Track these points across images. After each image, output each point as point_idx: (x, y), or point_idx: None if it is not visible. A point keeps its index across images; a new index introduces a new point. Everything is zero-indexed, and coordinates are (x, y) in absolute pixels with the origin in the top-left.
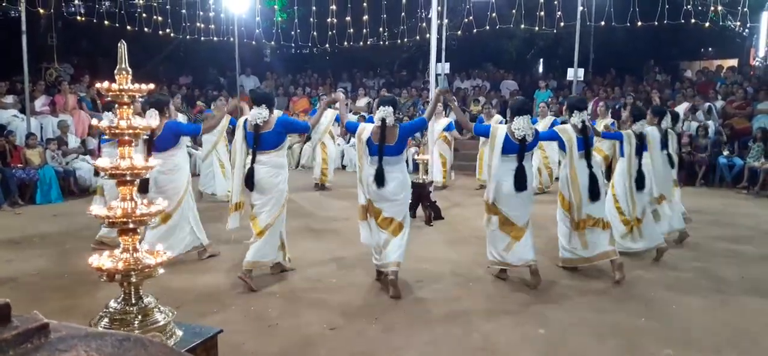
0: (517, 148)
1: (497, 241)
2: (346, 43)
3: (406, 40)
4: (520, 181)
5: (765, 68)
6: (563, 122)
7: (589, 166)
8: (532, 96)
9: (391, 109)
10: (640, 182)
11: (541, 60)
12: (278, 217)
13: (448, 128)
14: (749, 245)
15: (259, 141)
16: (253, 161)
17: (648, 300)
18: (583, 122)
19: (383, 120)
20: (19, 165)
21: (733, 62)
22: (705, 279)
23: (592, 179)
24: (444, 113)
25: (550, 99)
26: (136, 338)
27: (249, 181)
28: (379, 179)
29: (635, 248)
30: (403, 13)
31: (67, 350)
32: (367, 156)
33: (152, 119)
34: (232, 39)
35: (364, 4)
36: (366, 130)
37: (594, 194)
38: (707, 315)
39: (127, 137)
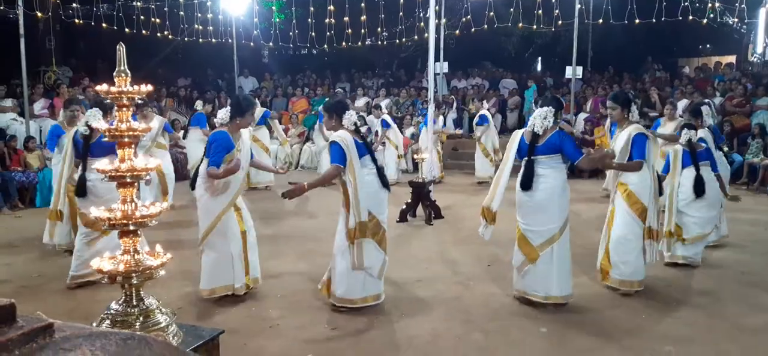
0: (526, 147)
1: (516, 260)
2: (344, 43)
3: (404, 39)
4: (525, 178)
5: (762, 64)
6: (567, 121)
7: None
8: (523, 95)
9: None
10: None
11: (540, 58)
12: (205, 237)
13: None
14: (749, 241)
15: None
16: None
17: (648, 297)
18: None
19: (356, 124)
20: (18, 168)
21: (732, 59)
22: (705, 275)
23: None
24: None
25: (534, 93)
26: (141, 337)
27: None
28: (384, 180)
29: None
30: (401, 13)
31: (72, 349)
32: (360, 162)
33: (96, 121)
34: (230, 40)
35: (362, 5)
36: (349, 139)
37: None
38: (708, 312)
39: (126, 140)
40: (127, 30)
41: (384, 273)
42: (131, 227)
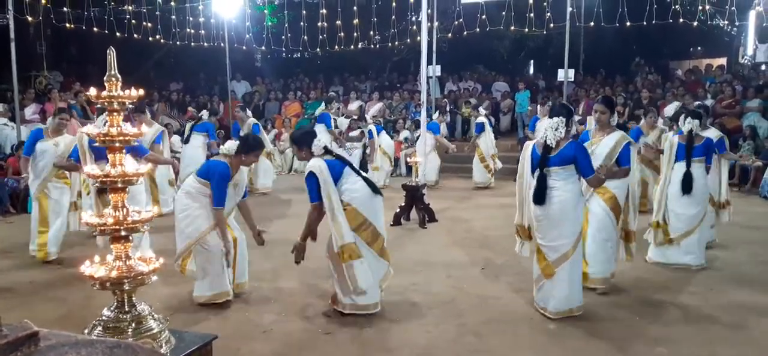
0: (538, 158)
1: (535, 273)
2: (336, 46)
3: (396, 43)
4: (538, 192)
5: (753, 66)
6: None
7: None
8: (514, 98)
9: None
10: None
11: (532, 61)
12: (189, 249)
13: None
14: (741, 242)
15: None
16: None
17: (641, 299)
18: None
19: (325, 147)
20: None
21: (722, 61)
22: (698, 277)
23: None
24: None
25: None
26: (127, 345)
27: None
28: (373, 186)
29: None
30: (393, 16)
31: None
32: (341, 181)
33: None
34: (222, 44)
35: (355, 8)
36: (322, 166)
37: None
38: (700, 312)
39: (117, 145)
40: (118, 34)
41: (387, 280)
42: (123, 233)
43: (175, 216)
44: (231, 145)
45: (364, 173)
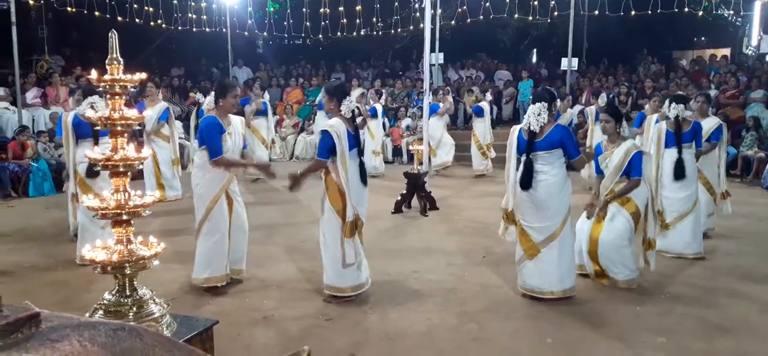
0: (524, 143)
1: (517, 255)
2: (339, 33)
3: (399, 30)
4: (524, 177)
5: (757, 57)
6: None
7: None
8: (517, 87)
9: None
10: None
11: (535, 50)
12: (200, 226)
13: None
14: (742, 233)
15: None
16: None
17: (642, 289)
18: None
19: (353, 112)
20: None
21: (726, 51)
22: (698, 267)
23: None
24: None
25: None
26: (131, 327)
27: None
28: (364, 176)
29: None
30: (396, 3)
31: (59, 340)
32: (347, 155)
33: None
34: (224, 30)
35: None
36: (341, 129)
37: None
38: (700, 303)
39: (119, 128)
40: (120, 19)
41: (364, 263)
42: (124, 217)
43: (193, 192)
44: (210, 99)
45: (362, 159)
